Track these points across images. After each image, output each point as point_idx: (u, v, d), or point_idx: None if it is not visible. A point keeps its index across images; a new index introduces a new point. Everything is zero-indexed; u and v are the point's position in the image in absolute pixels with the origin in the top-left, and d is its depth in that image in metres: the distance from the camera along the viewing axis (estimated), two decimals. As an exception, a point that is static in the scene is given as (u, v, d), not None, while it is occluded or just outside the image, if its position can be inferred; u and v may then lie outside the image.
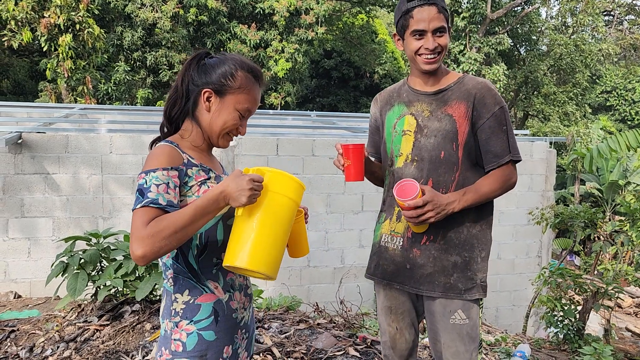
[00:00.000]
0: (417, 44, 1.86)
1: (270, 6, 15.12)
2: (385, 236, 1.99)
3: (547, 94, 19.50)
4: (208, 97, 1.50)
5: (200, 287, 1.48)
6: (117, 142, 5.60)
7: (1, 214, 5.34)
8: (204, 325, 1.47)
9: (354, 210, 6.36)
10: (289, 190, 1.42)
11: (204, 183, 1.47)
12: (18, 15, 9.76)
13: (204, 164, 1.52)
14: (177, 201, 1.40)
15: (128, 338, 3.23)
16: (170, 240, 1.29)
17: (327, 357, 2.98)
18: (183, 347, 1.45)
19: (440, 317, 1.89)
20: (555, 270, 4.96)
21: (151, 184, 1.36)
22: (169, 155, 1.42)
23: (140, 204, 1.34)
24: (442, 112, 1.91)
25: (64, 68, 10.07)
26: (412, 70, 2.01)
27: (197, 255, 1.47)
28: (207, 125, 1.52)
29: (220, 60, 1.52)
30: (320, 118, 9.07)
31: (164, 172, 1.38)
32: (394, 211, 1.97)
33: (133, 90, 14.31)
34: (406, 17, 1.86)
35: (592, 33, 20.64)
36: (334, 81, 21.79)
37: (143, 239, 1.28)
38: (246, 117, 1.54)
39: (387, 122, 2.02)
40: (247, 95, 1.51)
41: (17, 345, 3.36)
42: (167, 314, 1.50)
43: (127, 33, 14.03)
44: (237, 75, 1.50)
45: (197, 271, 1.48)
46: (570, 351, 4.65)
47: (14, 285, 5.41)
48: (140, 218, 1.32)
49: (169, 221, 1.30)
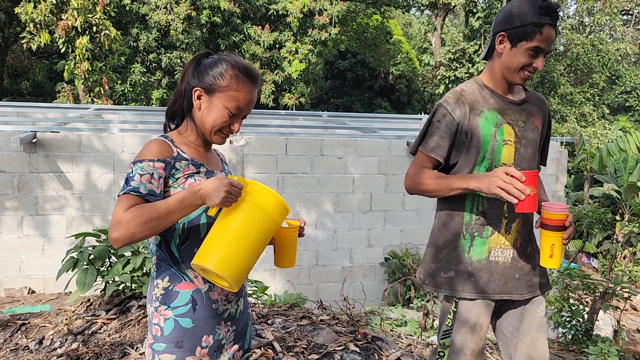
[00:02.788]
0: (529, 60, 1.82)
1: (283, 7, 15.21)
2: (494, 250, 1.93)
3: (563, 94, 19.31)
4: (199, 95, 1.55)
5: (180, 275, 1.52)
6: (128, 141, 5.71)
7: (16, 211, 5.48)
8: (181, 312, 1.50)
9: (363, 209, 6.39)
10: (268, 205, 1.43)
11: (191, 176, 1.52)
12: (37, 18, 9.95)
13: (195, 159, 1.56)
14: (160, 191, 1.46)
15: (134, 331, 3.31)
16: (145, 227, 1.36)
17: (326, 352, 3.02)
18: (161, 331, 1.49)
19: (531, 314, 1.99)
20: (564, 271, 4.93)
21: (135, 173, 1.44)
22: (158, 148, 1.48)
23: (123, 191, 1.42)
24: (531, 122, 1.96)
25: (81, 70, 10.25)
26: (492, 75, 1.96)
27: (179, 244, 1.51)
28: (199, 123, 1.57)
29: (215, 60, 1.57)
30: (332, 118, 9.11)
31: (150, 163, 1.45)
32: (501, 224, 1.92)
33: (149, 91, 14.50)
34: (534, 29, 1.78)
35: (610, 33, 20.37)
36: (349, 82, 21.81)
37: (119, 223, 1.36)
38: (238, 115, 1.57)
39: (482, 129, 1.88)
40: (237, 94, 1.53)
41: (28, 337, 3.45)
42: (150, 298, 1.55)
43: (142, 35, 14.23)
44: (227, 75, 1.53)
45: (178, 259, 1.52)
46: (578, 352, 4.62)
47: (28, 281, 5.54)
48: (121, 204, 1.40)
49: (145, 209, 1.37)
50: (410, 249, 6.49)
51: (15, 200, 5.47)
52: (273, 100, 15.21)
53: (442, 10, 19.14)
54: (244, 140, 6.04)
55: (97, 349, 3.09)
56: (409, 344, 3.64)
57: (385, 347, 3.20)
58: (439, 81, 18.68)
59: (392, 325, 4.35)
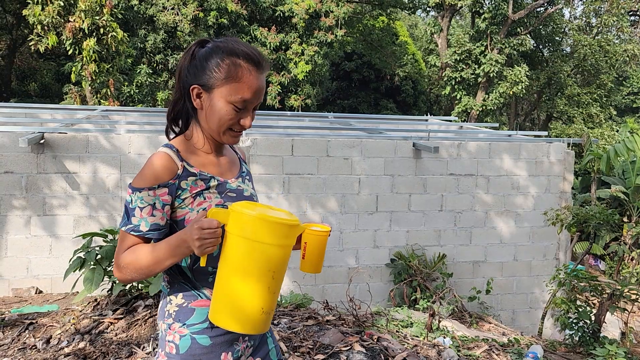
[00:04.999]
0: None
1: (290, 9, 15.24)
2: None
3: (570, 95, 19.21)
4: (198, 94, 1.39)
5: (195, 293, 1.44)
6: (135, 142, 5.73)
7: (24, 211, 5.52)
8: (197, 329, 1.41)
9: (369, 210, 6.38)
10: (261, 234, 1.25)
11: (200, 194, 1.41)
12: (44, 20, 10.01)
13: (204, 172, 1.43)
14: (166, 221, 1.38)
15: (140, 331, 3.32)
16: (140, 274, 1.35)
17: (332, 352, 3.02)
18: (176, 349, 1.41)
19: None
20: (571, 272, 4.92)
21: (136, 205, 1.34)
22: (161, 167, 1.36)
23: (123, 226, 1.36)
24: None
25: (88, 71, 10.30)
26: None
27: (190, 265, 1.43)
28: (205, 124, 1.42)
29: (209, 50, 1.39)
30: (338, 119, 9.11)
31: (150, 192, 1.34)
32: None
33: (155, 92, 14.56)
34: None
35: (617, 33, 20.26)
36: (355, 83, 21.82)
37: (119, 267, 1.36)
38: (246, 108, 1.40)
39: None
40: (238, 84, 1.36)
41: (35, 336, 3.48)
42: (161, 314, 1.47)
43: (150, 36, 14.29)
44: (224, 65, 1.36)
45: (192, 279, 1.44)
46: (585, 353, 4.60)
47: (35, 281, 5.57)
48: (121, 242, 1.37)
49: (137, 257, 1.34)
50: (416, 250, 6.48)
51: (23, 201, 5.50)
52: (279, 102, 15.24)
53: (448, 11, 19.11)
54: (250, 141, 6.05)
55: (104, 348, 3.11)
56: (415, 344, 3.64)
57: (391, 348, 3.20)
58: (445, 82, 18.64)
59: (398, 327, 4.35)
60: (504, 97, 17.48)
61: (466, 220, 6.65)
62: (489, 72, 17.17)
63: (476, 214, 6.67)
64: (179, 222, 1.40)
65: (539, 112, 23.05)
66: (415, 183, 6.47)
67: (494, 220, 6.72)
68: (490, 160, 6.64)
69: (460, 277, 6.61)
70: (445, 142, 6.58)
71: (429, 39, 22.56)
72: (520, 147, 6.74)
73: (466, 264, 6.67)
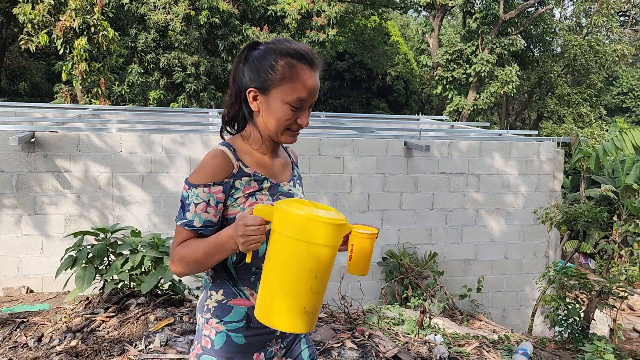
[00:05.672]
0: None
1: (282, 9, 15.25)
2: None
3: (561, 95, 19.35)
4: (254, 96, 1.42)
5: (235, 291, 1.47)
6: (126, 140, 5.72)
7: (15, 210, 5.49)
8: (234, 327, 1.45)
9: (360, 209, 6.41)
10: (304, 232, 1.23)
11: (252, 195, 1.43)
12: (35, 19, 9.95)
13: (258, 173, 1.46)
14: (218, 218, 1.41)
15: (132, 329, 3.32)
16: (191, 267, 1.39)
17: (324, 349, 3.04)
18: (211, 344, 1.45)
19: None
20: (560, 270, 4.97)
21: (191, 202, 1.39)
22: (218, 165, 1.39)
23: (179, 221, 1.41)
24: None
25: (79, 70, 10.24)
26: None
27: (235, 262, 1.46)
28: (263, 126, 1.45)
29: (262, 52, 1.42)
30: (330, 119, 9.13)
31: (206, 189, 1.38)
32: None
33: (146, 92, 14.51)
34: None
35: (607, 34, 20.44)
36: (347, 83, 21.86)
37: (174, 261, 1.40)
38: (303, 107, 1.41)
39: None
40: (293, 84, 1.37)
41: (27, 335, 3.47)
42: (200, 308, 1.51)
43: (141, 35, 14.24)
44: (278, 66, 1.38)
45: (234, 277, 1.47)
46: (574, 350, 4.65)
47: (26, 280, 5.55)
48: (177, 235, 1.41)
49: (189, 251, 1.38)
50: (407, 248, 6.52)
51: (14, 200, 5.48)
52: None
53: (440, 11, 19.19)
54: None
55: (96, 346, 3.11)
56: (406, 342, 3.66)
57: (382, 345, 3.22)
58: (436, 82, 18.72)
59: (389, 324, 4.38)
60: (495, 96, 17.59)
61: (457, 219, 6.69)
62: (480, 72, 17.27)
63: (467, 212, 6.71)
64: (230, 220, 1.43)
65: (529, 112, 23.21)
66: (407, 182, 6.51)
67: (484, 218, 6.77)
68: (481, 159, 6.69)
69: (451, 275, 6.65)
70: (437, 141, 6.62)
71: (421, 38, 22.65)
72: (511, 146, 6.79)
73: (457, 262, 6.72)
